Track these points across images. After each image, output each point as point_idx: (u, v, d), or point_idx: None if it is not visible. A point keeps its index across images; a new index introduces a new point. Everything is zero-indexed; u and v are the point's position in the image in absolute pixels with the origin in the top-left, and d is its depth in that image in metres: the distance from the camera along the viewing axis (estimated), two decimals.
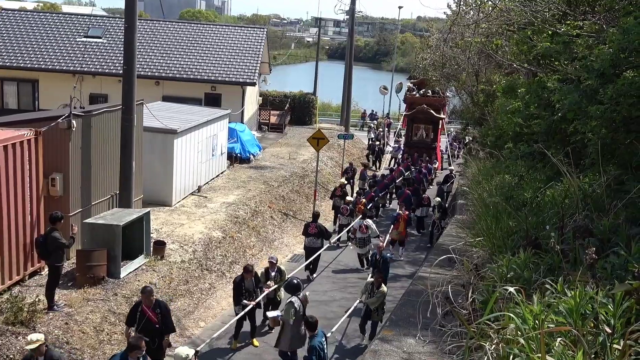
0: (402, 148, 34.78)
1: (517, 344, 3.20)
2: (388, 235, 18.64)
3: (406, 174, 27.08)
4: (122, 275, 13.20)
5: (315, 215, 17.13)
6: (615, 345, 3.36)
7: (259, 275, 13.24)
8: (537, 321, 3.21)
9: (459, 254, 6.32)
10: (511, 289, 3.41)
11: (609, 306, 3.50)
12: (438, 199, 21.21)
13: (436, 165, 32.29)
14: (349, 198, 20.84)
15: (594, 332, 3.43)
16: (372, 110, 51.34)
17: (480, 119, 24.49)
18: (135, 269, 13.78)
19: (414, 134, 33.74)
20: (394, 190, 26.48)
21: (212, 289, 15.15)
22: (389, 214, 19.88)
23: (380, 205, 23.94)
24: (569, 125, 7.85)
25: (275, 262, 13.29)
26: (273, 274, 13.18)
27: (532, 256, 4.88)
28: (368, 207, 21.17)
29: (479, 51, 23.91)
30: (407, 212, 19.11)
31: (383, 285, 12.56)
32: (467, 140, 39.24)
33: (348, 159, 32.37)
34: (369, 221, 17.91)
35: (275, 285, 12.90)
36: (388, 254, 17.18)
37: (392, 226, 18.85)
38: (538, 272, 4.60)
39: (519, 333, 3.16)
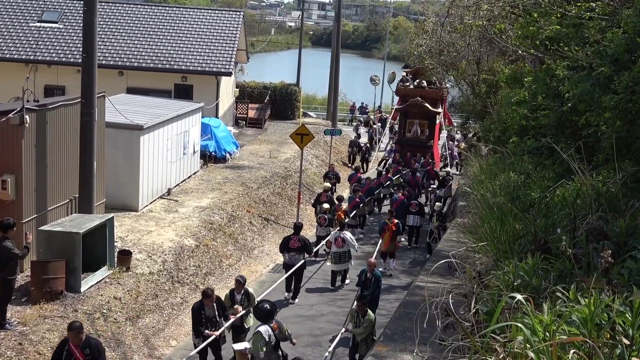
0: (394, 149, 33.80)
1: (526, 358, 3.22)
2: (377, 247, 18.39)
3: (394, 178, 26.30)
4: (82, 289, 13.13)
5: (297, 227, 16.56)
6: (634, 358, 3.39)
7: (224, 298, 12.57)
8: (547, 332, 3.24)
9: (460, 260, 6.35)
10: (519, 297, 3.43)
11: (627, 315, 3.53)
12: (439, 204, 20.71)
13: (433, 165, 31.92)
14: (326, 205, 20.24)
15: (610, 344, 3.47)
16: (363, 103, 51.57)
17: (483, 112, 24.62)
18: (98, 282, 13.71)
19: (408, 130, 32.66)
20: (381, 196, 25.87)
21: (185, 303, 15.12)
22: (383, 220, 19.51)
23: (367, 212, 23.32)
24: (580, 118, 7.91)
25: (243, 282, 12.71)
26: (239, 297, 12.56)
27: (541, 262, 4.92)
28: (351, 216, 20.58)
29: (480, 36, 24.02)
30: (394, 221, 18.58)
31: (369, 312, 12.04)
32: (457, 137, 39.13)
33: (335, 158, 32.43)
34: (347, 233, 17.47)
35: (242, 312, 12.30)
36: (380, 269, 17.08)
37: (380, 237, 18.66)
38: (548, 280, 4.65)
39: (528, 346, 3.19)
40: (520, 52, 16.42)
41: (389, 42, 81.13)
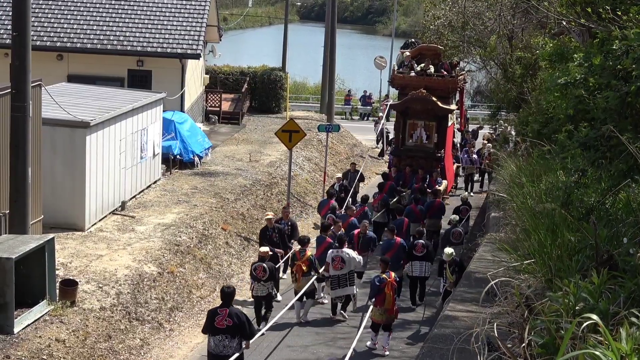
0: (390, 161, 31.24)
1: None
2: (366, 317, 15.88)
3: (391, 202, 23.77)
4: (16, 330, 13.04)
5: (226, 294, 13.01)
6: None
7: None
8: None
9: (500, 283, 6.33)
10: (595, 318, 3.40)
11: None
12: (450, 250, 17.23)
13: (445, 186, 27.81)
14: (263, 249, 16.78)
15: None
16: (365, 92, 51.60)
17: (518, 100, 24.68)
18: (35, 321, 13.63)
19: (409, 135, 28.94)
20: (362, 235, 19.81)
21: (146, 346, 15.07)
22: (375, 276, 16.00)
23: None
24: None
25: None
26: None
27: (607, 280, 4.91)
28: (317, 266, 17.08)
29: (514, 5, 24.14)
30: (392, 275, 15.74)
31: None
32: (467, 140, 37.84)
33: (332, 160, 32.40)
34: (348, 251, 16.62)
35: None
36: (368, 343, 15.51)
37: (373, 300, 15.54)
38: (617, 302, 4.63)
39: None
40: (564, 23, 16.44)
41: (397, 14, 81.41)
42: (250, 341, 13.15)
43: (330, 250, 17.00)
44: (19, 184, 15.14)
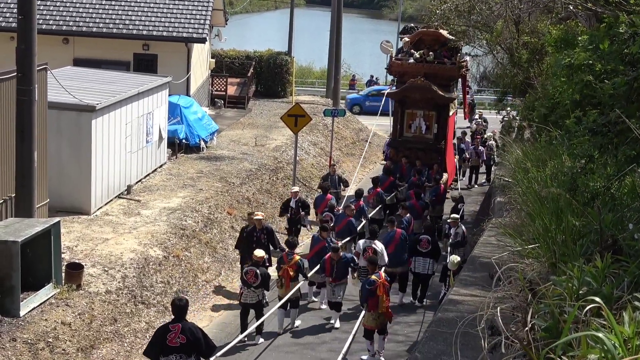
0: (386, 152, 29.27)
1: None
2: (358, 322, 14.72)
3: (387, 197, 22.97)
4: (22, 313, 13.09)
5: (179, 307, 11.53)
6: None
7: None
8: (629, 347, 3.21)
9: (504, 267, 6.36)
10: (598, 302, 3.41)
11: None
12: (457, 259, 16.20)
13: (445, 180, 25.91)
14: (259, 253, 15.42)
15: None
16: (372, 77, 51.47)
17: (524, 85, 24.59)
18: (41, 304, 13.68)
19: (407, 126, 27.44)
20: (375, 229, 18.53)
21: (151, 329, 15.10)
22: (367, 279, 14.97)
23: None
24: None
25: None
26: None
27: (611, 264, 4.92)
28: (306, 271, 16.26)
29: None
30: (382, 275, 14.63)
31: None
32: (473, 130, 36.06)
33: (337, 145, 32.38)
34: (379, 244, 16.66)
35: None
36: (364, 357, 14.63)
37: (365, 304, 14.52)
38: (621, 287, 4.64)
39: None
40: (571, 7, 16.37)
41: None
42: (211, 359, 11.54)
43: (363, 241, 17.10)
44: (25, 168, 15.16)
